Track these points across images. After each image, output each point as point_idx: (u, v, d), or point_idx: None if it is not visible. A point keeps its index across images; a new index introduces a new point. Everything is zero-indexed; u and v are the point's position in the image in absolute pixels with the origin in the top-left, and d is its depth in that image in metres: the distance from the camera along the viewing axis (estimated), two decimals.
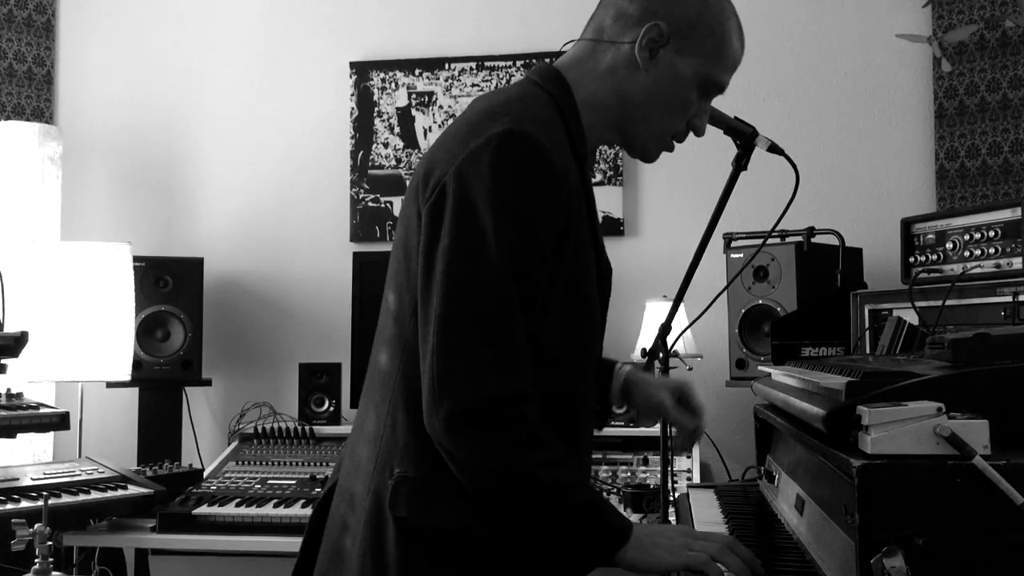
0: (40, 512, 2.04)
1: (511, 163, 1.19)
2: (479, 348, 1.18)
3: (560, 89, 1.34)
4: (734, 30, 1.37)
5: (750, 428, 2.17)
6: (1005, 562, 1.10)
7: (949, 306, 2.10)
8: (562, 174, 1.22)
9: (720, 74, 1.37)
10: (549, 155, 1.21)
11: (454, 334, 1.17)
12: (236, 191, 3.70)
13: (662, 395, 1.53)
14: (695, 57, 1.33)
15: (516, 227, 1.18)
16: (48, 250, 3.06)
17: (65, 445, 3.39)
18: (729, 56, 1.37)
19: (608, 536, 1.23)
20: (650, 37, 1.32)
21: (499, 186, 1.18)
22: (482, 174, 1.18)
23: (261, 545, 2.48)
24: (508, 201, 1.18)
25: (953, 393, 1.19)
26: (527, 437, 1.21)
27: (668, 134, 1.40)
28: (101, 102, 3.80)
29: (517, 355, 1.19)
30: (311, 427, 3.11)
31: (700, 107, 1.40)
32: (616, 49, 1.34)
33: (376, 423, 1.33)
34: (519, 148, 1.20)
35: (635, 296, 3.06)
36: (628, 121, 1.37)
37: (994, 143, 3.14)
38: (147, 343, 3.26)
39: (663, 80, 1.33)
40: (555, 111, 1.31)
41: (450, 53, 3.57)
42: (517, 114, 1.24)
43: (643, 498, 2.41)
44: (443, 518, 1.24)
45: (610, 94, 1.35)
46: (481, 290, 1.18)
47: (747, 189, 1.49)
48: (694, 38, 1.33)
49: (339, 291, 3.44)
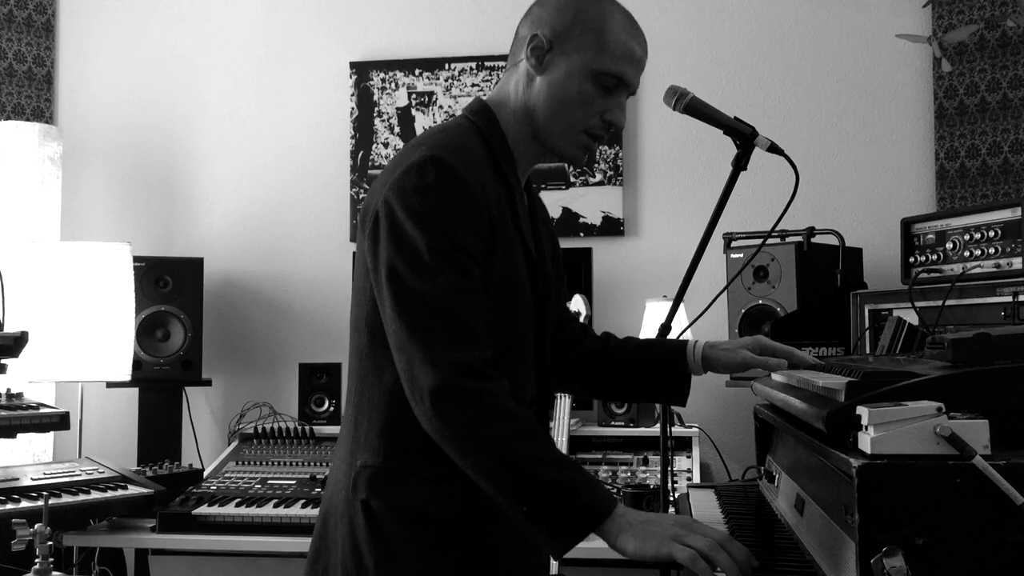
0: (40, 512, 2.04)
1: (428, 183, 1.35)
2: (437, 335, 1.32)
3: (482, 116, 1.51)
4: (616, 23, 1.47)
5: (750, 428, 2.17)
6: (1005, 562, 1.10)
7: (949, 306, 2.10)
8: (478, 189, 1.38)
9: (610, 65, 1.46)
10: (459, 174, 1.36)
11: (412, 330, 1.32)
12: (236, 191, 3.70)
13: (742, 353, 1.66)
14: (578, 53, 1.46)
15: (441, 235, 1.34)
16: (48, 250, 3.06)
17: (65, 445, 3.40)
18: (615, 47, 1.46)
19: (584, 514, 1.28)
20: (534, 46, 1.48)
21: (421, 204, 1.35)
22: (406, 197, 1.35)
23: (261, 545, 2.48)
24: (429, 215, 1.34)
25: (953, 393, 1.19)
26: (501, 408, 1.31)
27: (576, 130, 1.49)
28: (101, 102, 3.80)
29: (473, 332, 1.33)
30: (311, 427, 3.11)
31: (609, 102, 1.48)
32: (516, 68, 1.52)
33: (347, 422, 1.50)
34: (434, 171, 1.36)
35: (635, 296, 3.06)
36: (538, 129, 1.50)
37: (994, 143, 3.14)
38: (147, 343, 3.26)
39: (554, 81, 1.47)
40: (475, 136, 1.47)
41: (450, 53, 3.57)
42: (432, 143, 1.41)
43: (643, 498, 2.41)
44: (398, 498, 1.39)
45: (520, 109, 1.50)
46: (425, 291, 1.32)
47: (747, 189, 1.49)
48: (574, 38, 1.47)
49: (339, 291, 3.44)
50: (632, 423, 2.93)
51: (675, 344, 1.71)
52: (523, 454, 1.30)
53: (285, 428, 3.09)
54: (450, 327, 1.32)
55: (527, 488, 1.29)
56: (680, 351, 1.68)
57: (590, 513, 1.28)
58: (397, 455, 1.40)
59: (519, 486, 1.29)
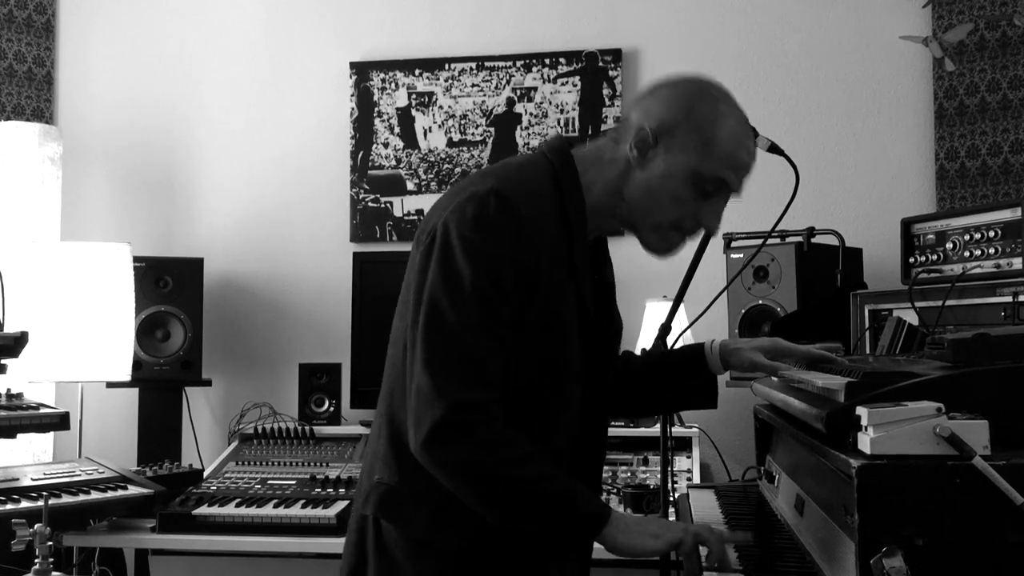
0: (40, 512, 2.04)
1: (486, 215, 1.37)
2: (452, 370, 1.34)
3: (562, 162, 1.49)
4: (728, 128, 1.46)
5: (750, 428, 2.17)
6: (1005, 562, 1.10)
7: (949, 306, 2.10)
8: (533, 231, 1.39)
9: (714, 170, 1.44)
10: (519, 214, 1.38)
11: (431, 357, 1.35)
12: (236, 191, 3.70)
13: (754, 355, 1.67)
14: (682, 155, 1.44)
15: (487, 271, 1.35)
16: (48, 250, 3.06)
17: (65, 445, 3.39)
18: (721, 152, 1.44)
19: (582, 523, 1.36)
20: (639, 139, 1.45)
21: (474, 235, 1.37)
22: (463, 224, 1.38)
23: (261, 545, 2.48)
24: (479, 247, 1.36)
25: (953, 393, 1.19)
26: (494, 439, 1.34)
27: (666, 227, 1.50)
28: (101, 102, 3.80)
29: (484, 372, 1.35)
30: (311, 427, 3.11)
31: (706, 205, 1.47)
32: (617, 148, 1.49)
33: (373, 431, 1.54)
34: (494, 204, 1.37)
35: (635, 296, 3.06)
36: (626, 214, 1.51)
37: (994, 143, 3.14)
38: (147, 343, 3.26)
39: (653, 178, 1.46)
40: (547, 177, 1.47)
41: (450, 53, 3.57)
42: (502, 176, 1.44)
43: (643, 498, 2.41)
44: (404, 522, 1.42)
45: (611, 187, 1.49)
46: (455, 323, 1.35)
47: (747, 189, 1.49)
48: (680, 138, 1.44)
49: (339, 291, 3.44)
50: (632, 423, 2.93)
51: (693, 347, 1.73)
52: (515, 477, 1.34)
53: (285, 428, 3.09)
54: (467, 364, 1.34)
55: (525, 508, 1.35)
56: (699, 352, 1.70)
57: (592, 518, 1.36)
58: (409, 476, 1.40)
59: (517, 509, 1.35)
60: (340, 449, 3.02)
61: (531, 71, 3.49)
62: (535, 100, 3.49)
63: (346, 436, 3.09)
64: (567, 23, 3.51)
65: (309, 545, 2.48)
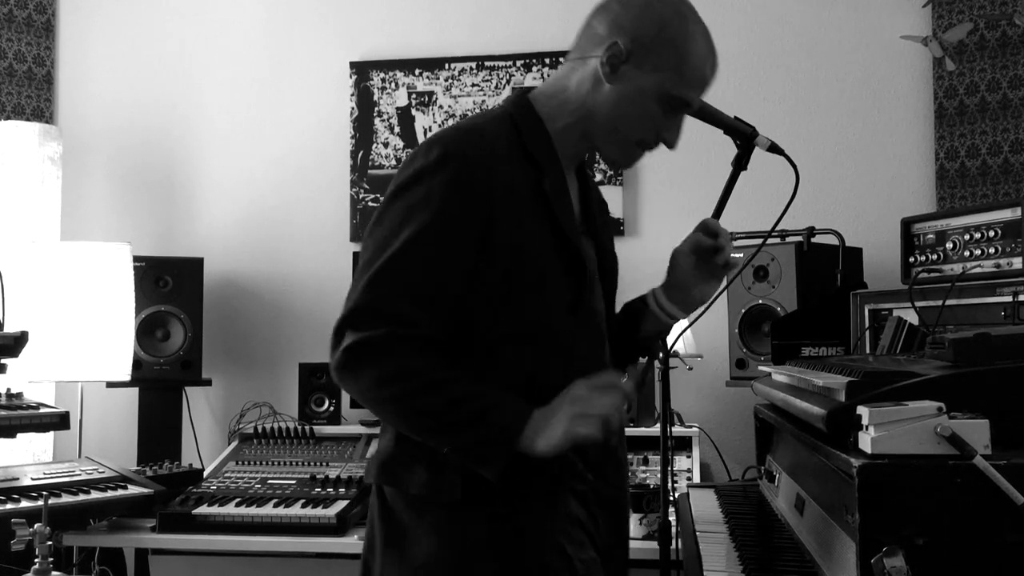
0: (40, 512, 2.04)
1: (427, 166, 1.36)
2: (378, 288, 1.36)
3: (516, 104, 1.49)
4: (698, 49, 1.45)
5: (750, 428, 2.17)
6: (1005, 562, 1.10)
7: (949, 306, 2.10)
8: (482, 172, 1.37)
9: (683, 90, 1.45)
10: (466, 156, 1.37)
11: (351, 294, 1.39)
12: (236, 191, 3.70)
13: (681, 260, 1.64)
14: (656, 73, 1.43)
15: (420, 217, 1.35)
16: (48, 250, 3.06)
17: (65, 445, 3.39)
18: (691, 73, 1.45)
19: (496, 441, 1.34)
20: (611, 53, 1.42)
21: (413, 185, 1.37)
22: (403, 177, 1.39)
23: (261, 545, 2.48)
24: (416, 196, 1.36)
25: (953, 393, 1.19)
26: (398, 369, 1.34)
27: (632, 142, 1.49)
28: (101, 102, 3.80)
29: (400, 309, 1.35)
30: (311, 427, 3.11)
31: (669, 121, 1.48)
32: (584, 64, 1.46)
33: None
34: (437, 152, 1.37)
35: (635, 296, 3.06)
36: (593, 132, 1.48)
37: (994, 143, 3.14)
38: (147, 343, 3.26)
39: (625, 93, 1.44)
40: (502, 121, 1.46)
41: (450, 53, 3.57)
42: (452, 128, 1.44)
43: (643, 498, 2.40)
44: (402, 483, 1.43)
45: (578, 106, 1.47)
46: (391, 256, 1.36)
47: (747, 189, 1.49)
48: (654, 55, 1.43)
49: (339, 291, 3.36)
50: (632, 423, 2.93)
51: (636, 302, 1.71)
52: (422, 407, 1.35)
53: (285, 428, 3.09)
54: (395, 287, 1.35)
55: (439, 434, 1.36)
56: (640, 299, 1.69)
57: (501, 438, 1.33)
58: (404, 438, 1.43)
59: (432, 434, 1.37)
60: (340, 449, 3.02)
61: (531, 71, 3.49)
62: None
63: (346, 436, 3.09)
64: (567, 23, 3.46)
65: (309, 545, 2.48)
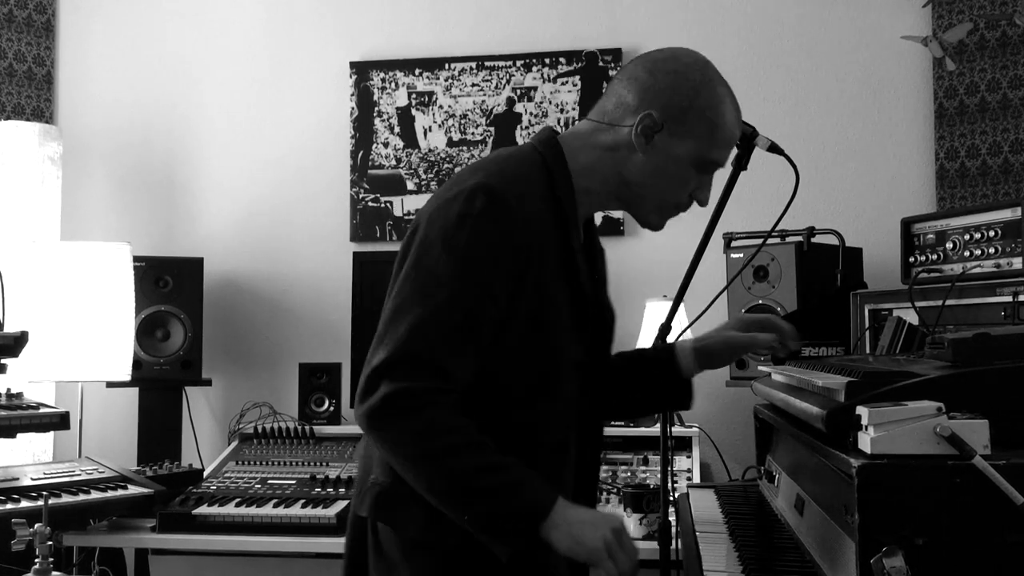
0: (40, 512, 2.03)
1: (471, 212, 1.36)
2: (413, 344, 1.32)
3: (550, 151, 1.48)
4: (728, 112, 1.48)
5: (750, 428, 2.17)
6: (1005, 562, 1.10)
7: (949, 306, 2.10)
8: (522, 224, 1.37)
9: (716, 153, 1.49)
10: (510, 207, 1.37)
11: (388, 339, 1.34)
12: (236, 191, 3.70)
13: (728, 334, 1.65)
14: (689, 140, 1.46)
15: (464, 268, 1.34)
16: (48, 250, 3.06)
17: (65, 445, 3.39)
18: (724, 136, 1.48)
19: (521, 517, 1.31)
20: (645, 124, 1.44)
21: (457, 232, 1.36)
22: (446, 220, 1.37)
23: (261, 545, 2.48)
24: (460, 245, 1.35)
25: (953, 393, 1.19)
26: (438, 423, 1.31)
27: (670, 206, 1.53)
28: (101, 102, 3.80)
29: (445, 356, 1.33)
30: (311, 427, 3.11)
31: (700, 181, 1.51)
32: (616, 132, 1.48)
33: None
34: (482, 199, 1.36)
35: (635, 296, 3.06)
36: (630, 196, 1.51)
37: (994, 143, 3.14)
38: (147, 343, 3.26)
39: (660, 162, 1.46)
40: (537, 167, 1.46)
41: (450, 53, 3.57)
42: (492, 170, 1.42)
43: (643, 498, 2.40)
44: (398, 522, 1.40)
45: (610, 170, 1.49)
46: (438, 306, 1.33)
47: (747, 189, 1.49)
48: (687, 124, 1.45)
49: (339, 291, 3.44)
50: (632, 423, 2.93)
51: (663, 347, 1.70)
52: (457, 467, 1.31)
53: (285, 428, 3.09)
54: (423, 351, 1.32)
55: (464, 498, 1.32)
56: (668, 351, 1.67)
57: (528, 515, 1.31)
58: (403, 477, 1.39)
59: (457, 497, 1.32)
60: (340, 449, 3.02)
61: (531, 71, 3.49)
62: (535, 100, 3.50)
63: (346, 436, 3.09)
64: (567, 23, 3.51)
65: (309, 545, 2.48)
